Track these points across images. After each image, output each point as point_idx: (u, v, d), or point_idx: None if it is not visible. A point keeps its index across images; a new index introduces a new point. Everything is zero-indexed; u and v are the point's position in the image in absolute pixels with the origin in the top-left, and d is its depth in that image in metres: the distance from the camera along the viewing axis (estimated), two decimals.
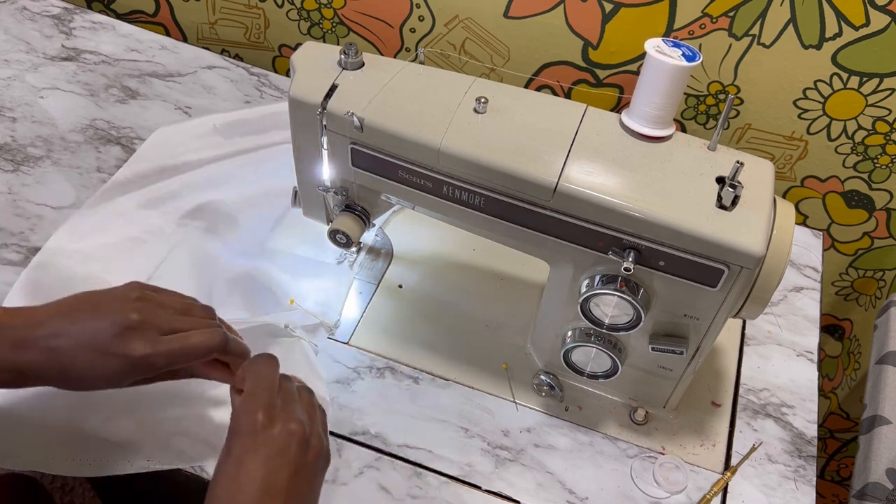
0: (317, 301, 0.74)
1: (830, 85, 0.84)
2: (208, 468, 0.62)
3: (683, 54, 0.53)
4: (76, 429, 0.63)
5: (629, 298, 0.57)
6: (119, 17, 1.09)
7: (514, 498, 0.63)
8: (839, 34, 0.80)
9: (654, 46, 0.54)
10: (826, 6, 0.78)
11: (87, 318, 0.51)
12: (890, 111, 0.84)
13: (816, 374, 0.75)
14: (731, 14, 0.82)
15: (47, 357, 0.50)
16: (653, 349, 0.61)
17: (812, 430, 0.70)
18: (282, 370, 0.55)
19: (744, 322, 0.79)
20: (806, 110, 0.87)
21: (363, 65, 0.62)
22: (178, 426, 0.64)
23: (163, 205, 0.80)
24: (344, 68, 0.61)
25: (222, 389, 0.59)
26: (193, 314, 0.55)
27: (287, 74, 1.04)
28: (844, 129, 0.87)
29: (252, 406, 0.50)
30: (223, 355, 0.55)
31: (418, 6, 0.93)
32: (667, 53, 0.53)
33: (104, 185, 0.81)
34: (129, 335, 0.51)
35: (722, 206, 0.53)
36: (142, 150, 0.85)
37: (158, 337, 0.52)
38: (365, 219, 0.68)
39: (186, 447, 0.63)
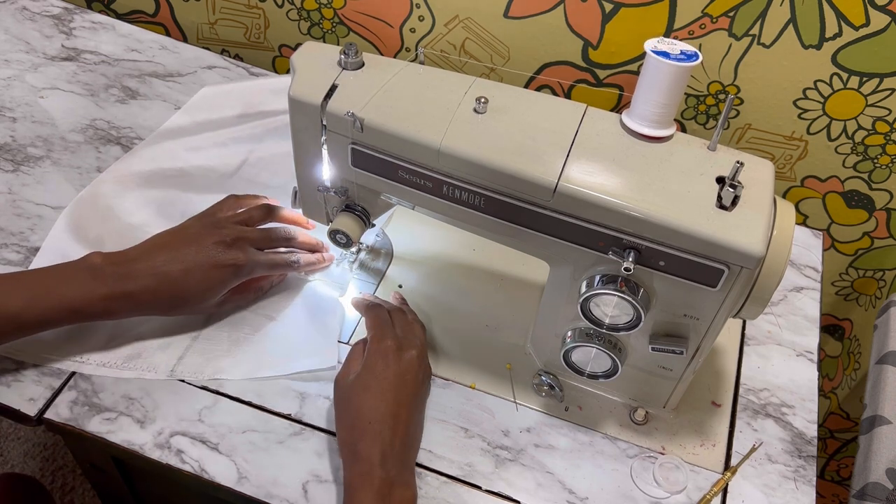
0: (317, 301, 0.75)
1: (830, 85, 0.84)
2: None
3: (683, 54, 0.53)
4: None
5: (629, 298, 0.57)
6: (119, 17, 1.09)
7: (514, 498, 0.63)
8: (839, 34, 0.80)
9: (654, 46, 0.54)
10: (826, 6, 0.78)
11: (188, 245, 0.65)
12: (890, 111, 0.84)
13: (816, 374, 0.75)
14: (731, 14, 0.82)
15: (158, 281, 0.63)
16: (653, 349, 0.61)
17: (812, 430, 0.70)
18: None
19: (744, 322, 0.79)
20: (806, 110, 0.87)
21: (363, 65, 0.62)
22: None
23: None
24: (344, 68, 0.61)
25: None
26: (270, 234, 0.71)
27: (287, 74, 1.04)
28: (844, 129, 0.87)
29: (381, 335, 0.65)
30: (297, 270, 0.73)
31: (418, 6, 0.93)
32: (667, 53, 0.53)
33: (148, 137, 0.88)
34: (231, 251, 0.66)
35: (722, 206, 0.53)
36: (188, 105, 0.93)
37: (254, 250, 0.68)
38: (365, 219, 0.68)
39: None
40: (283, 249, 0.72)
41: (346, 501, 0.57)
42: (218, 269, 0.65)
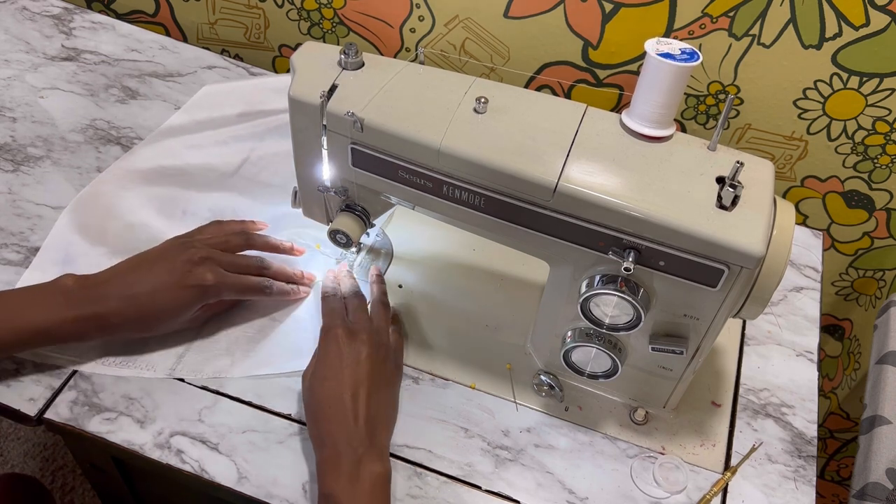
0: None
1: (830, 85, 0.84)
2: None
3: (683, 54, 0.53)
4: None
5: (629, 298, 0.57)
6: (119, 17, 1.09)
7: (514, 498, 0.63)
8: (839, 34, 0.80)
9: (654, 46, 0.54)
10: (826, 6, 0.78)
11: (156, 266, 0.65)
12: (890, 111, 0.84)
13: (816, 374, 0.75)
14: (731, 14, 0.82)
15: (127, 303, 0.63)
16: (653, 349, 0.61)
17: (812, 430, 0.70)
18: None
19: (744, 322, 0.79)
20: (806, 110, 0.87)
21: (363, 65, 0.62)
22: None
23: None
24: (344, 68, 0.61)
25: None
26: (243, 262, 0.70)
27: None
28: (844, 129, 0.87)
29: (329, 324, 0.65)
30: (269, 296, 0.71)
31: (418, 6, 0.93)
32: (667, 53, 0.53)
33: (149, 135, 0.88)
34: (198, 270, 0.65)
35: (722, 206, 0.53)
36: (189, 104, 0.93)
37: (223, 271, 0.67)
38: (365, 219, 0.68)
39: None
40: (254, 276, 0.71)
41: (318, 490, 0.57)
42: (184, 288, 0.65)
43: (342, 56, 0.61)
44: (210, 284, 0.66)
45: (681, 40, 0.57)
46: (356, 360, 0.62)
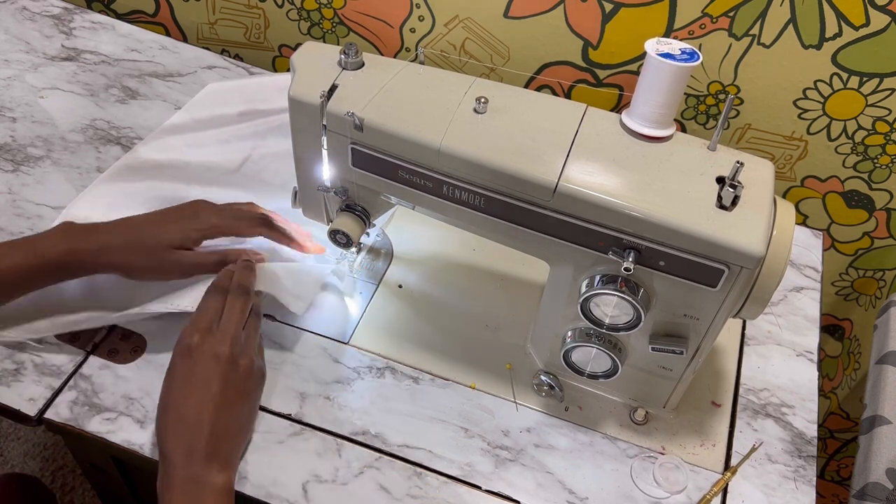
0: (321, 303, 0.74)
1: (830, 85, 0.84)
2: None
3: (683, 54, 0.53)
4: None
5: (629, 298, 0.57)
6: (119, 17, 1.09)
7: (514, 498, 0.63)
8: (839, 34, 0.80)
9: (655, 47, 0.54)
10: (826, 6, 0.78)
11: (159, 212, 0.69)
12: (890, 111, 0.84)
13: (816, 374, 0.75)
14: (731, 14, 0.82)
15: (119, 224, 0.67)
16: (653, 349, 0.61)
17: (812, 430, 0.70)
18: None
19: (744, 322, 0.79)
20: (806, 110, 0.87)
21: (363, 65, 0.62)
22: None
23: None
24: (344, 68, 0.61)
25: None
26: (242, 208, 0.73)
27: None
28: (844, 129, 0.87)
29: (191, 330, 0.61)
30: (270, 231, 0.72)
31: (418, 6, 0.93)
32: (667, 53, 0.53)
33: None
34: (199, 212, 0.69)
35: (722, 206, 0.53)
36: (191, 103, 0.93)
37: (221, 212, 0.70)
38: (365, 219, 0.68)
39: None
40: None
41: None
42: (178, 216, 0.68)
43: (342, 56, 0.61)
44: (202, 212, 0.69)
45: (681, 40, 0.57)
46: (206, 376, 0.59)
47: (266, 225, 0.71)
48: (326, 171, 0.65)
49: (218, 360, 0.60)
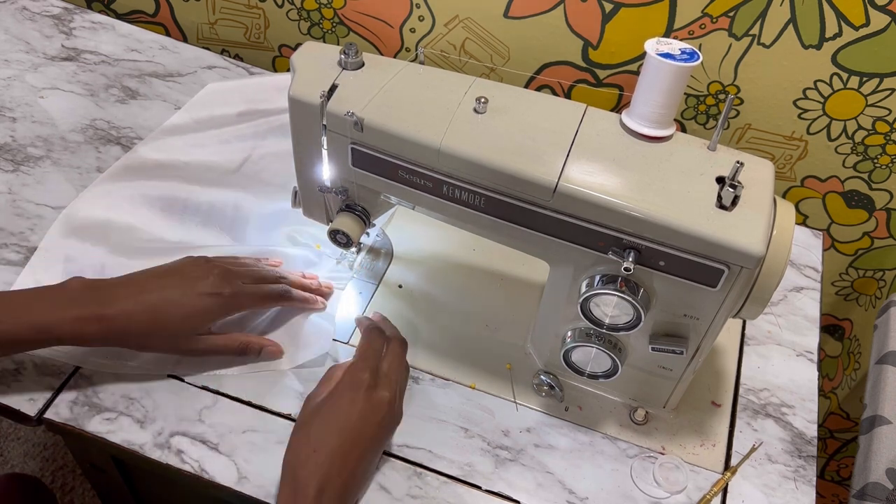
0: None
1: (830, 85, 0.84)
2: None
3: (683, 54, 0.53)
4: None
5: (629, 298, 0.57)
6: (119, 17, 1.09)
7: (514, 498, 0.63)
8: (839, 34, 0.80)
9: (655, 47, 0.54)
10: (826, 6, 0.78)
11: (170, 275, 0.63)
12: (890, 111, 0.84)
13: (816, 374, 0.75)
14: (731, 14, 0.82)
15: (135, 304, 0.61)
16: (653, 349, 0.61)
17: (812, 430, 0.70)
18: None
19: (744, 322, 0.79)
20: (806, 110, 0.87)
21: (363, 65, 0.62)
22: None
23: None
24: (344, 68, 0.61)
25: None
26: (261, 273, 0.69)
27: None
28: (844, 129, 0.87)
29: (362, 366, 0.60)
30: (289, 301, 0.70)
31: (418, 6, 0.93)
32: (667, 53, 0.53)
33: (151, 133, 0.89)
34: (215, 279, 0.63)
35: (722, 206, 0.53)
36: (192, 102, 0.93)
37: (240, 282, 0.65)
38: (365, 219, 0.68)
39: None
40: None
41: None
42: (200, 296, 0.62)
43: (342, 56, 0.61)
44: (227, 293, 0.63)
45: (681, 40, 0.57)
46: (367, 419, 0.58)
47: (286, 297, 0.69)
48: (326, 171, 0.65)
49: (382, 405, 0.59)
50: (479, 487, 0.64)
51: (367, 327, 0.67)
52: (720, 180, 0.55)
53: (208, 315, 0.64)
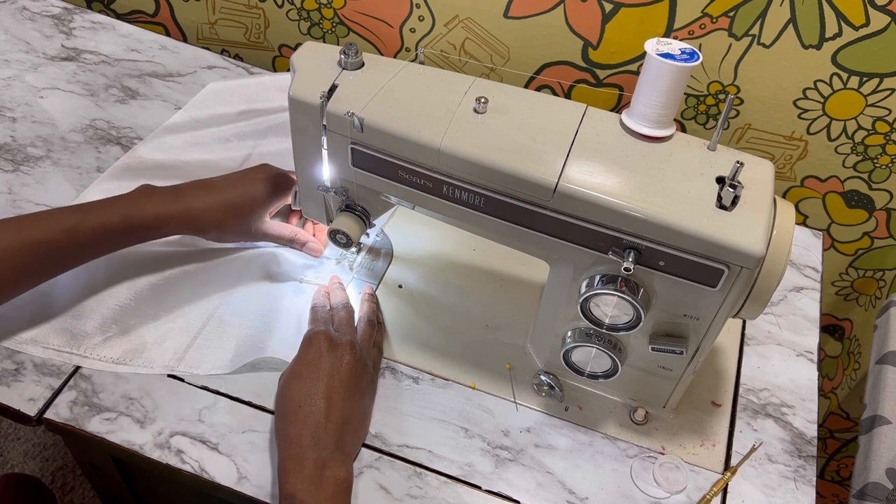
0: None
1: (830, 85, 0.84)
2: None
3: (683, 54, 0.53)
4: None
5: (629, 298, 0.57)
6: (119, 17, 1.09)
7: (514, 498, 0.63)
8: (839, 34, 0.80)
9: (654, 47, 0.54)
10: (826, 6, 0.78)
11: (238, 175, 0.73)
12: (890, 111, 0.84)
13: (816, 374, 0.75)
14: (731, 14, 0.82)
15: (207, 191, 0.69)
16: (653, 349, 0.61)
17: (812, 430, 0.70)
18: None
19: (744, 322, 0.79)
20: (806, 110, 0.87)
21: (363, 65, 0.62)
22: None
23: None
24: (344, 68, 0.61)
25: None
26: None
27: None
28: (844, 129, 0.87)
29: (314, 328, 0.66)
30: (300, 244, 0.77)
31: (418, 6, 0.93)
32: (667, 54, 0.53)
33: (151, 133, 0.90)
34: (267, 167, 0.74)
35: (722, 206, 0.53)
36: (193, 101, 0.94)
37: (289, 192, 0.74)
38: (365, 219, 0.68)
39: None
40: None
41: (280, 488, 0.57)
42: (255, 181, 0.72)
43: (342, 56, 0.61)
44: (277, 172, 0.73)
45: (681, 40, 0.57)
46: (335, 365, 0.63)
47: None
48: (326, 171, 0.65)
49: (344, 348, 0.64)
50: (479, 487, 0.64)
51: (311, 307, 0.72)
52: (720, 180, 0.55)
53: (266, 199, 0.72)
